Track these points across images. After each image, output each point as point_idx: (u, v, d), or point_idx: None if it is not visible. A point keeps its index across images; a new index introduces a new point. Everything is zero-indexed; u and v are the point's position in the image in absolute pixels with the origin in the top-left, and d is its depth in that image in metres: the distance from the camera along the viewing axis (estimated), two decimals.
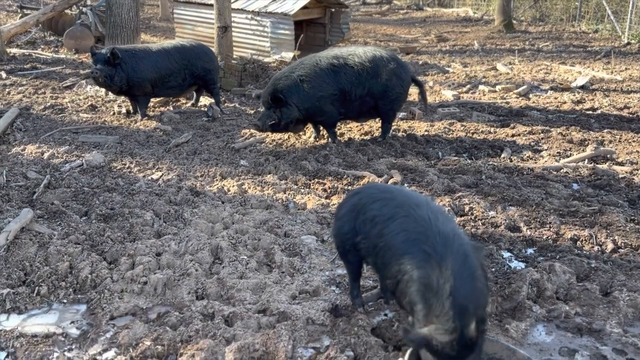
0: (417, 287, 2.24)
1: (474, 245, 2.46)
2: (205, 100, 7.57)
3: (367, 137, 6.19)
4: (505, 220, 4.18)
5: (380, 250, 2.50)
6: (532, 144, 6.05)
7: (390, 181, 4.89)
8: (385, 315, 3.09)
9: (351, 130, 6.51)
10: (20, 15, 12.59)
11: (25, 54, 10.28)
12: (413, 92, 8.55)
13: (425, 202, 2.57)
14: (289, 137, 6.15)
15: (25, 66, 9.31)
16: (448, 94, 8.35)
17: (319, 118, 5.85)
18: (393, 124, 6.29)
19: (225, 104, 7.61)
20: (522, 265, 3.64)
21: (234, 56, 9.33)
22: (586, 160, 5.51)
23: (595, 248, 3.83)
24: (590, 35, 14.86)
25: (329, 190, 4.76)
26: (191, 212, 4.23)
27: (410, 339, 2.13)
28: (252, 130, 6.36)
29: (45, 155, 5.36)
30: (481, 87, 8.82)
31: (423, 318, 2.19)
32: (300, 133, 6.25)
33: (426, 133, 6.39)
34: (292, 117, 5.62)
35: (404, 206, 2.54)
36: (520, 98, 8.19)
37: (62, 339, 2.85)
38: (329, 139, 6.02)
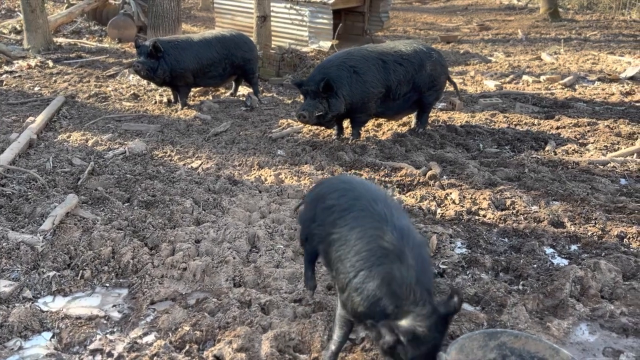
0: (380, 282, 2.20)
1: (423, 238, 2.52)
2: (243, 90, 7.63)
3: (405, 128, 6.11)
4: (549, 215, 4.06)
5: (334, 242, 2.45)
6: (577, 136, 5.86)
7: (429, 173, 4.81)
8: None
9: (388, 120, 6.43)
10: (66, 5, 12.94)
11: (70, 43, 10.57)
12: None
13: (383, 197, 2.57)
14: (325, 128, 6.12)
15: (70, 55, 9.57)
16: (490, 84, 8.16)
17: (357, 115, 5.53)
18: (431, 114, 6.19)
19: (264, 94, 7.65)
20: (566, 262, 3.53)
21: (273, 46, 9.35)
22: (635, 154, 5.29)
23: None
24: None
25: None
26: (229, 201, 4.28)
27: (400, 332, 2.06)
28: (289, 120, 6.37)
29: (90, 143, 5.51)
30: (525, 77, 8.58)
31: (393, 310, 2.15)
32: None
33: (467, 124, 6.26)
34: (338, 109, 5.24)
35: (361, 199, 2.53)
36: (566, 89, 7.93)
37: (105, 321, 2.94)
38: (352, 136, 5.71)
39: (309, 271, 2.96)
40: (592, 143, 5.67)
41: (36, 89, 7.51)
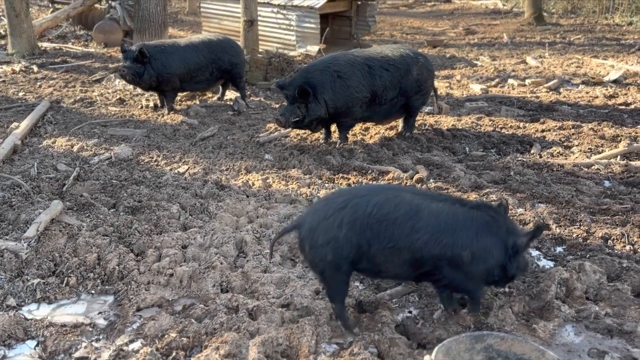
0: (493, 230, 2.75)
1: None
2: (231, 94, 7.61)
3: (392, 132, 6.13)
4: (534, 217, 4.10)
5: (428, 242, 2.70)
6: (562, 139, 5.92)
7: (416, 177, 4.83)
8: (410, 312, 3.06)
9: (376, 125, 6.45)
10: (51, 10, 12.83)
11: (56, 47, 10.48)
12: (440, 86, 8.45)
13: (413, 187, 3.04)
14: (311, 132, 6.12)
15: (56, 60, 9.49)
16: (476, 88, 8.22)
17: (343, 119, 5.53)
18: (418, 118, 6.23)
19: (251, 98, 7.64)
20: (551, 264, 3.57)
21: (260, 50, 9.35)
22: (619, 156, 5.36)
23: (627, 247, 3.72)
24: (624, 27, 14.44)
25: (353, 186, 4.73)
26: (216, 206, 4.26)
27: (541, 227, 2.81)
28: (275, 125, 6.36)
29: (75, 148, 5.46)
30: (510, 80, 8.66)
31: (510, 237, 2.78)
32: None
33: (453, 128, 6.30)
34: (318, 114, 5.27)
35: (415, 198, 2.79)
36: (551, 92, 8.01)
37: (90, 329, 2.91)
38: (339, 139, 5.70)
39: (344, 312, 2.87)
40: (576, 146, 5.73)
41: (20, 94, 7.43)
